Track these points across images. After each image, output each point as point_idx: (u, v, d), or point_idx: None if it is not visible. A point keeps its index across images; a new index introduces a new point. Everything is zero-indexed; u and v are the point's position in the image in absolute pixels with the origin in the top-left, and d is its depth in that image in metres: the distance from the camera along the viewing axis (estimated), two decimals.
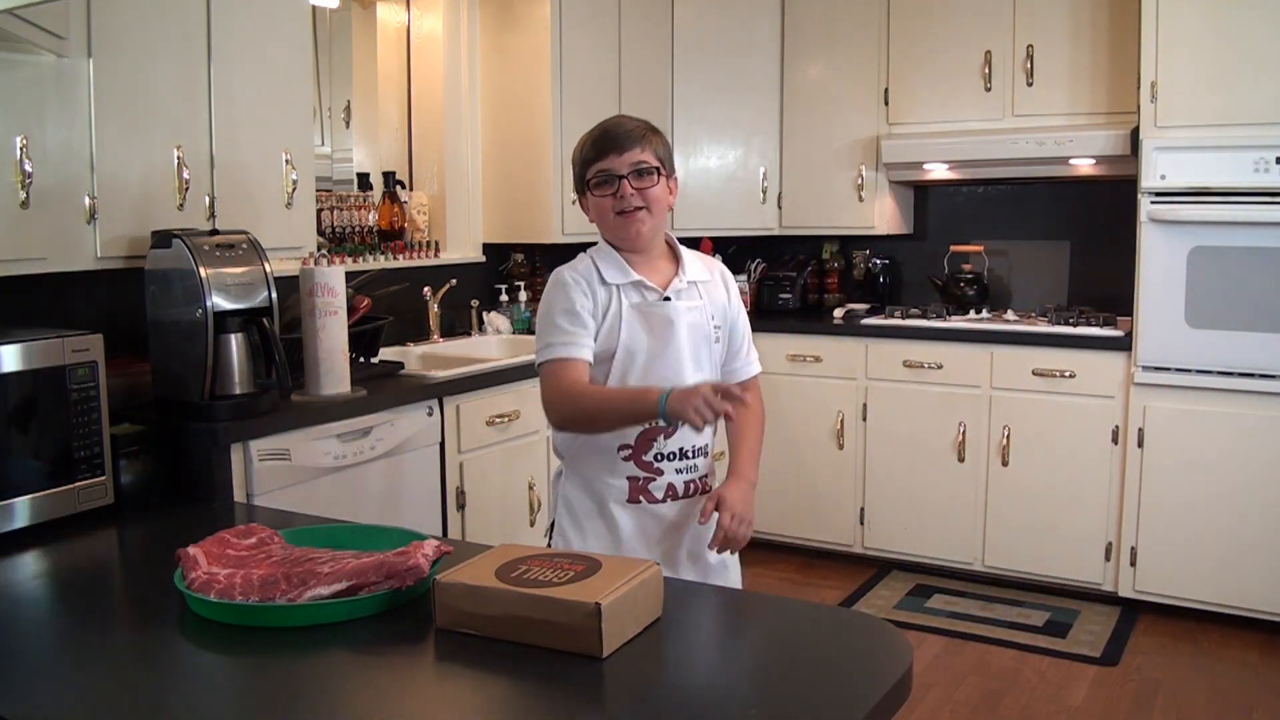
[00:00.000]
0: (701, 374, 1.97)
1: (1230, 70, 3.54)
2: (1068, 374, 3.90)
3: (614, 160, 1.93)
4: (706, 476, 2.03)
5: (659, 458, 1.96)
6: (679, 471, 1.97)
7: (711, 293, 2.02)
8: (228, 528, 1.68)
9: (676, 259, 2.02)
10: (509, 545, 1.54)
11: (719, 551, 1.94)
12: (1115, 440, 3.83)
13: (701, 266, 2.05)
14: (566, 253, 4.45)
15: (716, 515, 1.89)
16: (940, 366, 4.11)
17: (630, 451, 1.95)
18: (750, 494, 1.96)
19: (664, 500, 1.97)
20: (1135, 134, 3.80)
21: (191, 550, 1.55)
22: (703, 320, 1.98)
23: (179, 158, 2.49)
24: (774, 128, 4.67)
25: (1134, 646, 3.59)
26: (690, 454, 1.98)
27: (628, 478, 1.96)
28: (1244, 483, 3.59)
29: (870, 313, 4.56)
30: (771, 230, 4.73)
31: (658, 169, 1.94)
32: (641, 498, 1.96)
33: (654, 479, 1.96)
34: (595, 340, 1.94)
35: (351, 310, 2.85)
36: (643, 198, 1.93)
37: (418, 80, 3.96)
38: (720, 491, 1.92)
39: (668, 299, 1.96)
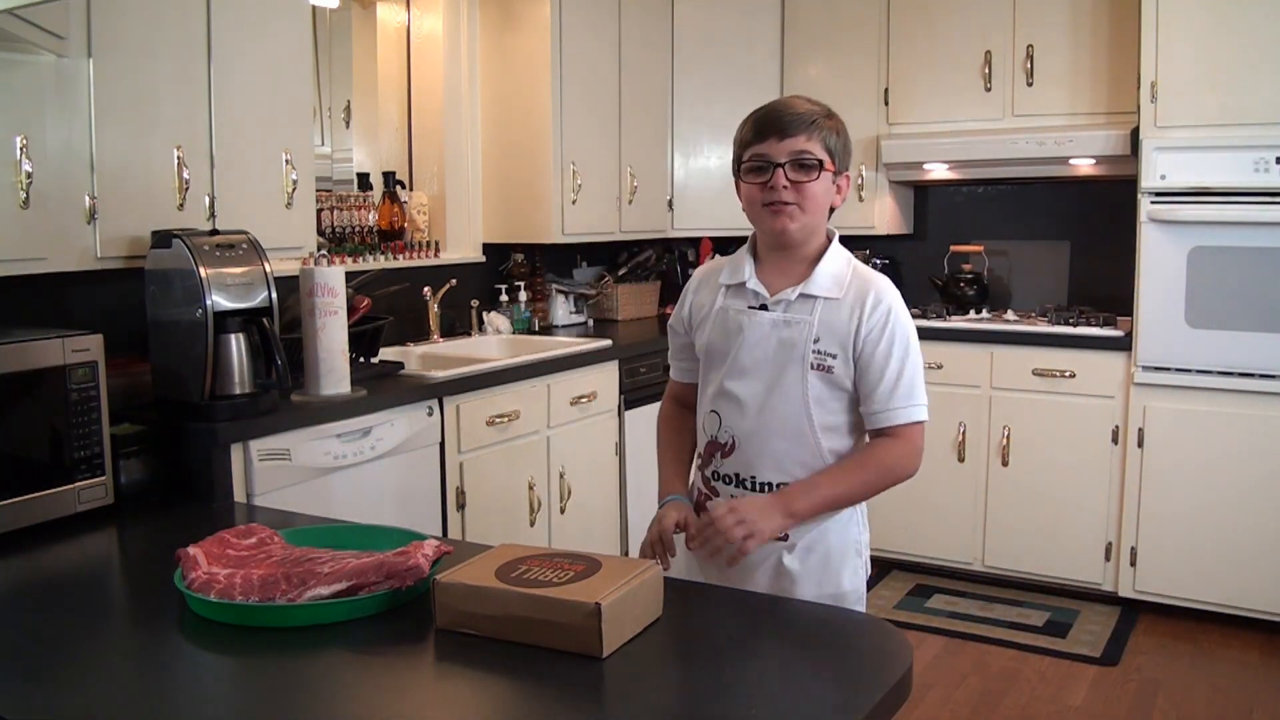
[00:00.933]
0: (780, 397, 1.75)
1: (1230, 70, 3.54)
2: (1068, 374, 3.90)
3: (773, 145, 1.71)
4: None
5: (715, 476, 1.82)
6: (734, 498, 1.78)
7: (829, 312, 1.74)
8: (228, 528, 1.68)
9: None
10: (509, 545, 1.54)
11: (688, 543, 1.76)
12: (1115, 440, 3.83)
13: (832, 283, 1.76)
14: (566, 253, 4.50)
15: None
16: (940, 366, 4.11)
17: (700, 461, 1.85)
18: (770, 508, 1.70)
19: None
20: (1135, 134, 3.80)
21: (191, 550, 1.55)
22: (798, 339, 1.74)
23: (179, 158, 2.48)
24: None
25: (1134, 646, 3.59)
26: (751, 485, 1.78)
27: (697, 489, 1.87)
28: (1244, 483, 3.59)
29: None
30: None
31: (820, 163, 1.72)
32: (701, 513, 1.80)
33: (710, 497, 1.83)
34: (695, 338, 1.88)
35: (351, 310, 2.85)
36: (796, 192, 1.71)
37: (418, 80, 3.95)
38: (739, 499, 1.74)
39: (763, 307, 1.77)
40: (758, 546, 1.69)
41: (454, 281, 3.80)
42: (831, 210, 1.78)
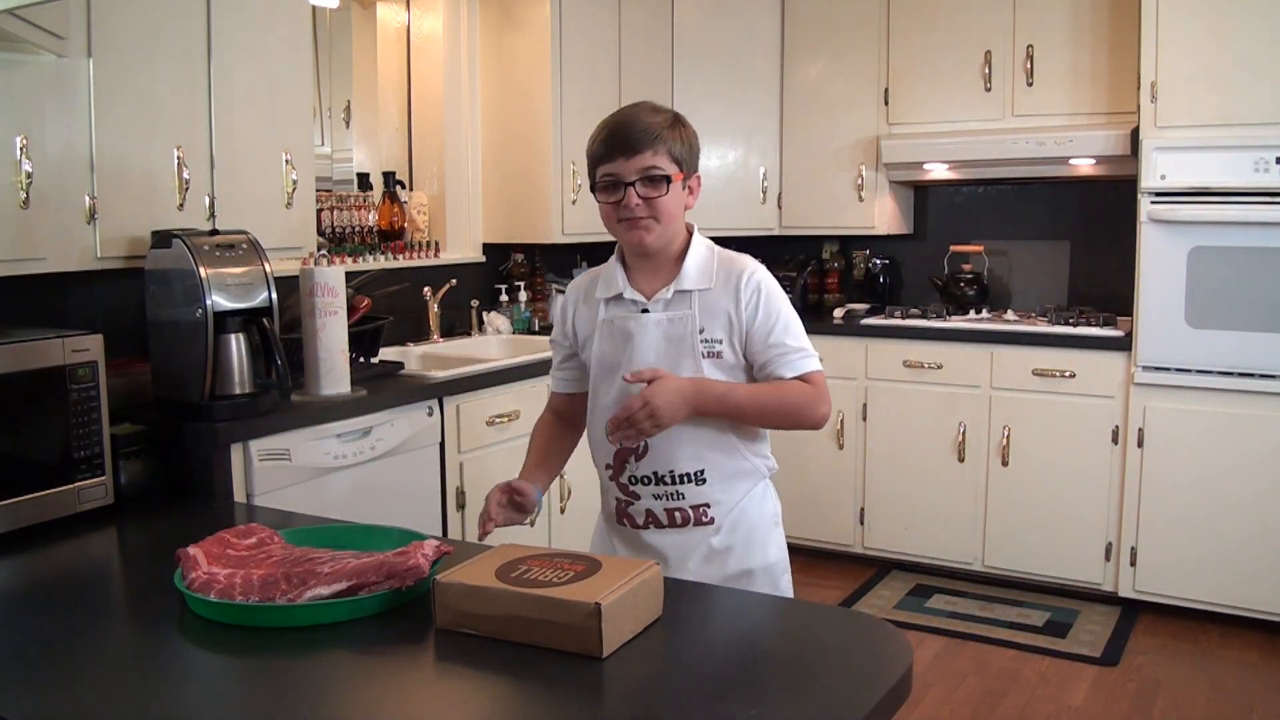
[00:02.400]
0: None
1: (1230, 70, 3.54)
2: (1068, 374, 3.90)
3: (621, 164, 1.75)
4: (704, 507, 1.85)
5: (633, 480, 1.85)
6: (657, 498, 1.84)
7: (705, 301, 1.82)
8: (228, 528, 1.68)
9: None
10: (509, 545, 1.54)
11: (608, 434, 1.76)
12: (1115, 440, 3.83)
13: (701, 275, 1.83)
14: (566, 253, 4.50)
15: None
16: (940, 366, 4.11)
17: (611, 471, 1.88)
18: (687, 396, 1.73)
19: (645, 526, 1.87)
20: (1135, 134, 3.80)
21: (191, 550, 1.55)
22: (684, 332, 1.81)
23: (179, 158, 2.49)
24: (774, 127, 4.67)
25: (1134, 646, 3.59)
26: (670, 479, 1.83)
27: (614, 497, 1.90)
28: (1244, 483, 3.59)
29: (870, 313, 4.56)
30: (771, 230, 4.73)
31: (668, 177, 1.77)
32: (624, 520, 1.89)
33: (632, 502, 1.87)
34: (582, 355, 1.93)
35: (351, 310, 2.85)
36: (649, 207, 1.77)
37: (418, 80, 3.96)
38: (662, 374, 1.73)
39: (644, 311, 1.83)
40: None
41: (454, 281, 3.81)
42: (686, 209, 1.85)
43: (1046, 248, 4.53)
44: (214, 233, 2.44)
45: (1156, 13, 3.63)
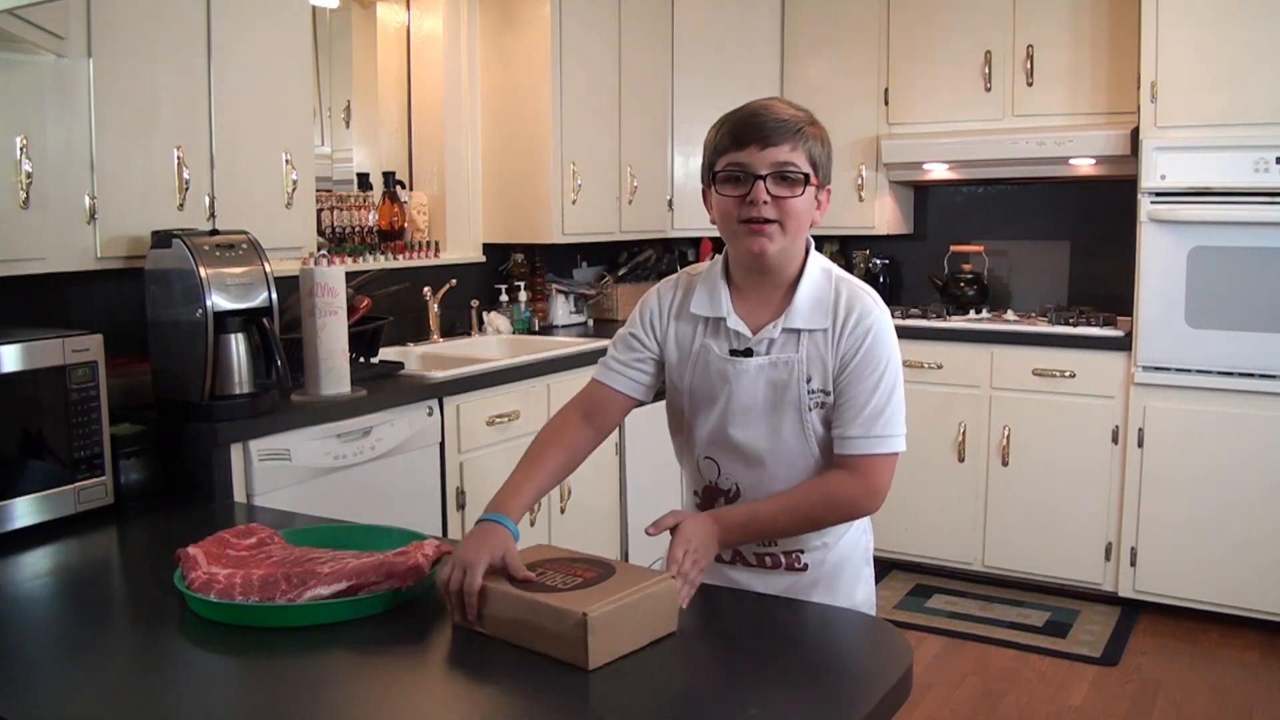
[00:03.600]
0: (781, 443, 1.63)
1: (1230, 70, 3.54)
2: (1068, 374, 3.90)
3: (753, 154, 1.55)
4: (797, 553, 1.69)
5: None
6: (680, 530, 1.61)
7: (814, 346, 1.60)
8: (228, 528, 1.68)
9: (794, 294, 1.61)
10: (542, 546, 1.53)
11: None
12: (1115, 440, 3.83)
13: (815, 311, 1.61)
14: (566, 253, 4.50)
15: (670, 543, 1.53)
16: (940, 366, 4.11)
17: (699, 500, 1.74)
18: (715, 535, 1.56)
19: (732, 563, 1.71)
20: (1135, 134, 3.80)
21: (191, 550, 1.55)
22: (790, 380, 1.60)
23: (179, 158, 2.48)
24: None
25: (1134, 646, 3.59)
26: None
27: None
28: (1244, 483, 3.59)
29: None
30: None
31: (806, 176, 1.56)
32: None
33: None
34: (663, 371, 1.73)
35: (351, 310, 2.85)
36: (778, 208, 1.55)
37: (418, 80, 3.95)
38: (682, 518, 1.56)
39: (747, 352, 1.62)
40: None
41: (454, 281, 3.80)
42: (812, 225, 1.63)
43: (1046, 248, 4.53)
44: (214, 233, 2.44)
45: (1156, 13, 3.63)
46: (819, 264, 1.66)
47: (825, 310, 1.61)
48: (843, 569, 1.72)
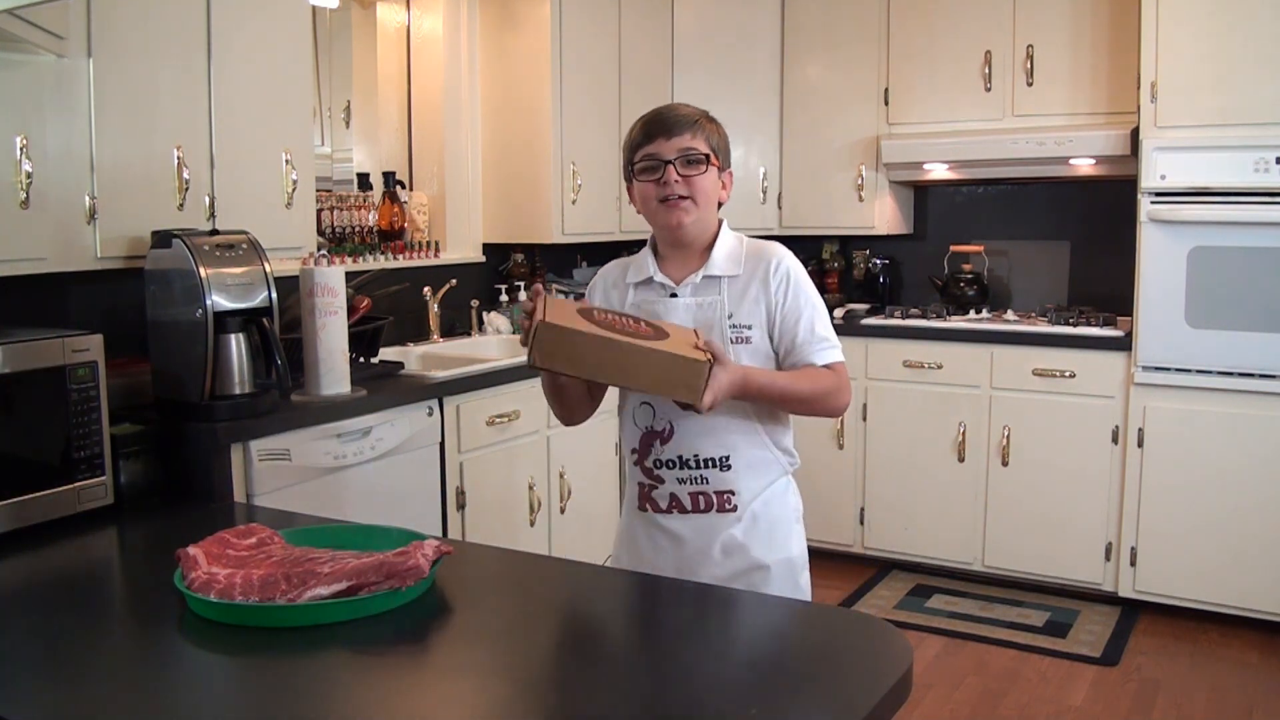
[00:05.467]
0: None
1: (1230, 70, 3.54)
2: (1068, 374, 3.90)
3: (661, 145, 1.84)
4: (728, 494, 1.87)
5: (658, 464, 1.88)
6: (681, 481, 1.87)
7: (734, 287, 1.87)
8: (228, 528, 1.68)
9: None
10: (563, 300, 1.76)
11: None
12: (1115, 440, 3.83)
13: (729, 262, 1.89)
14: (566, 253, 4.50)
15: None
16: (940, 366, 4.11)
17: (636, 455, 1.91)
18: (736, 379, 1.73)
19: (669, 510, 1.88)
20: (1135, 134, 3.80)
21: (191, 550, 1.55)
22: (714, 317, 1.86)
23: (179, 158, 2.49)
24: (774, 127, 4.67)
25: (1134, 646, 3.59)
26: (695, 464, 1.86)
27: (638, 483, 1.92)
28: (1244, 483, 3.59)
29: (870, 313, 4.56)
30: (771, 230, 4.72)
31: (707, 157, 1.85)
32: (647, 505, 1.90)
33: (656, 486, 1.89)
34: None
35: (351, 310, 2.85)
36: (688, 186, 1.84)
37: (418, 80, 3.96)
38: (721, 352, 1.72)
39: (673, 295, 1.89)
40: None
41: (454, 281, 3.81)
42: (720, 205, 1.92)
43: (1046, 248, 4.53)
44: (214, 233, 2.44)
45: (1156, 13, 3.63)
46: (731, 233, 1.96)
47: (738, 261, 1.90)
48: (776, 524, 1.92)
